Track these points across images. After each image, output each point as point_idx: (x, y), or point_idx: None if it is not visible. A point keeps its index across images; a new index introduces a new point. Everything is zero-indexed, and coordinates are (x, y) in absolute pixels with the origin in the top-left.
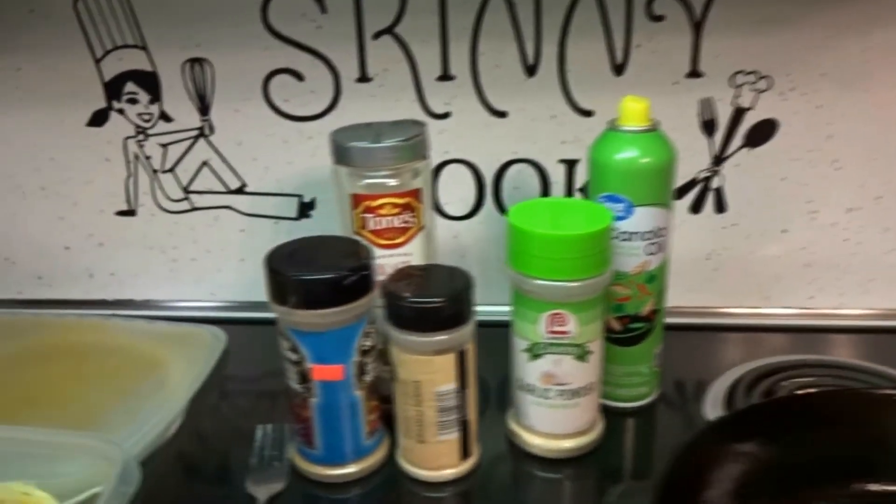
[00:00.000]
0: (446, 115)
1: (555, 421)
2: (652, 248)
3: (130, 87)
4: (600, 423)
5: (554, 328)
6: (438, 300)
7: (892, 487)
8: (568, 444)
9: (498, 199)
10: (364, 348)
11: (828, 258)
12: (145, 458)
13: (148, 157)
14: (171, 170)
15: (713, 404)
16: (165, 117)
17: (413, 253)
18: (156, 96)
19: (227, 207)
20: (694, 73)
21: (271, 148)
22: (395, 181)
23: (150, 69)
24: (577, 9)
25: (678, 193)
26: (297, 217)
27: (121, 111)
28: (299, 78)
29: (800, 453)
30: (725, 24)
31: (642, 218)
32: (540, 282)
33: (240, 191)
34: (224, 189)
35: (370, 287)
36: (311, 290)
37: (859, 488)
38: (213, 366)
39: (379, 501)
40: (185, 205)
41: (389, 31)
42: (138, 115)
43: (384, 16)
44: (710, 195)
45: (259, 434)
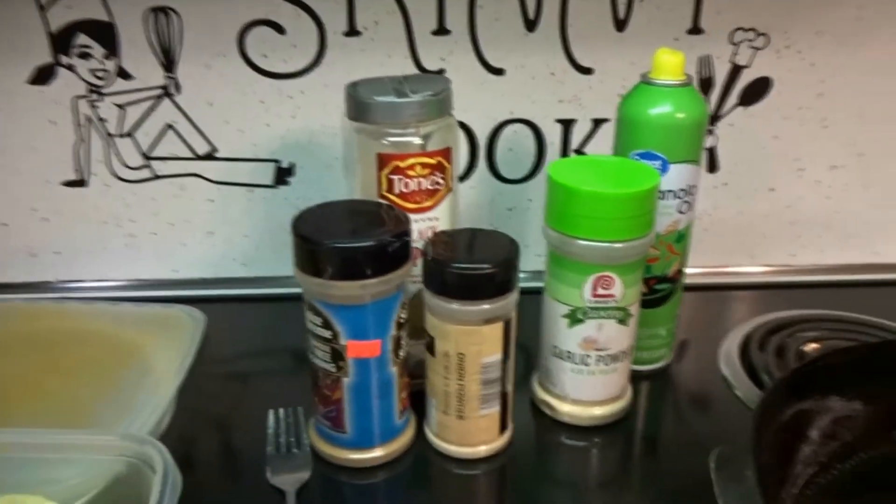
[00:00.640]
0: (440, 72)
1: (592, 388)
2: (683, 207)
3: (82, 39)
4: (629, 389)
5: (599, 291)
6: (489, 266)
7: None
8: (600, 410)
9: (491, 161)
10: (401, 321)
11: (811, 216)
12: None
13: (102, 120)
14: (130, 134)
15: (728, 362)
16: (123, 74)
17: (440, 217)
18: (112, 50)
19: (194, 175)
20: (695, 29)
21: (246, 109)
22: (424, 140)
23: (107, 19)
24: None
25: None
26: (274, 184)
27: (70, 67)
28: (280, 31)
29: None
30: None
31: (677, 175)
32: (586, 242)
33: (209, 156)
34: (191, 155)
35: (410, 254)
36: (352, 258)
37: None
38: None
39: (412, 483)
40: (146, 173)
41: None
42: (91, 71)
43: None
44: (704, 155)
45: (271, 419)
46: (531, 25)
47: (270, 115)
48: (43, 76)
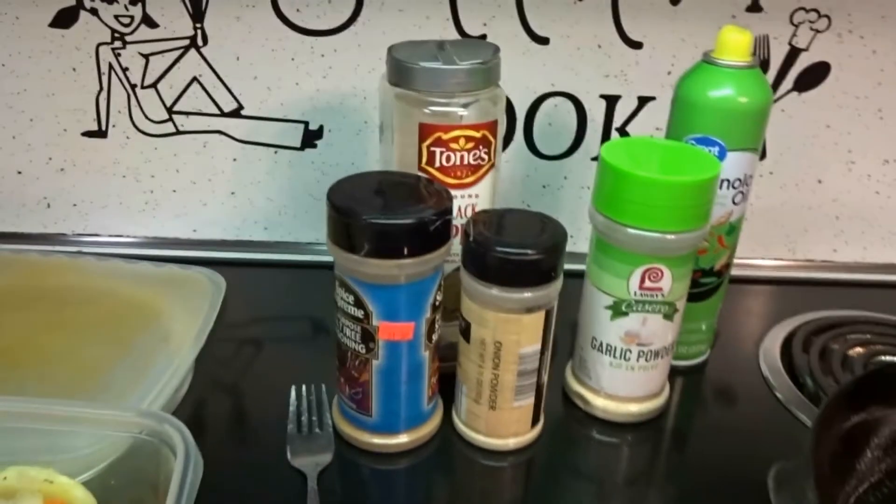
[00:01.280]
0: (482, 37)
1: (630, 383)
2: (738, 198)
3: None
4: (667, 386)
5: (647, 284)
6: (534, 252)
7: None
8: (636, 407)
9: (529, 136)
10: (436, 304)
11: (857, 211)
12: None
13: (125, 69)
14: (153, 85)
15: (768, 361)
16: (149, 22)
17: (480, 194)
18: None
19: (219, 132)
20: (755, 6)
21: (276, 65)
22: (470, 110)
23: None
24: None
25: None
26: (301, 147)
27: (94, 11)
28: None
29: None
30: None
31: (734, 163)
32: (636, 231)
33: (235, 114)
34: (216, 111)
35: (451, 233)
36: (392, 235)
37: None
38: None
39: (436, 471)
40: (168, 127)
41: None
42: (115, 17)
43: None
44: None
45: (293, 396)
46: None
47: (301, 74)
48: (65, 19)
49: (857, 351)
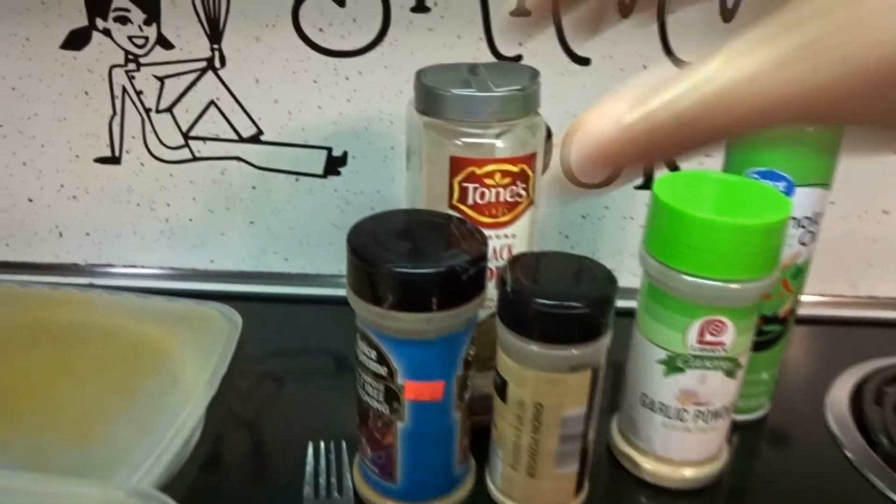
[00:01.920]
0: (517, 58)
1: (684, 446)
2: (806, 238)
3: (120, 1)
4: (726, 449)
5: (707, 338)
6: (582, 304)
7: None
8: (691, 472)
9: None
10: (468, 359)
11: None
12: (164, 485)
13: (139, 93)
14: (169, 109)
15: (836, 415)
16: (164, 43)
17: (518, 235)
18: (153, 15)
19: (237, 159)
20: None
21: (297, 88)
22: (506, 141)
23: None
24: None
25: None
26: (324, 174)
27: (107, 32)
28: (339, 3)
29: None
30: None
31: (803, 200)
32: (695, 280)
33: (254, 139)
34: (234, 136)
35: (485, 281)
36: (420, 286)
37: None
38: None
39: None
40: (184, 153)
41: None
42: (129, 38)
43: None
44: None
45: (310, 455)
46: (626, 9)
47: (323, 97)
48: (77, 41)
49: None
